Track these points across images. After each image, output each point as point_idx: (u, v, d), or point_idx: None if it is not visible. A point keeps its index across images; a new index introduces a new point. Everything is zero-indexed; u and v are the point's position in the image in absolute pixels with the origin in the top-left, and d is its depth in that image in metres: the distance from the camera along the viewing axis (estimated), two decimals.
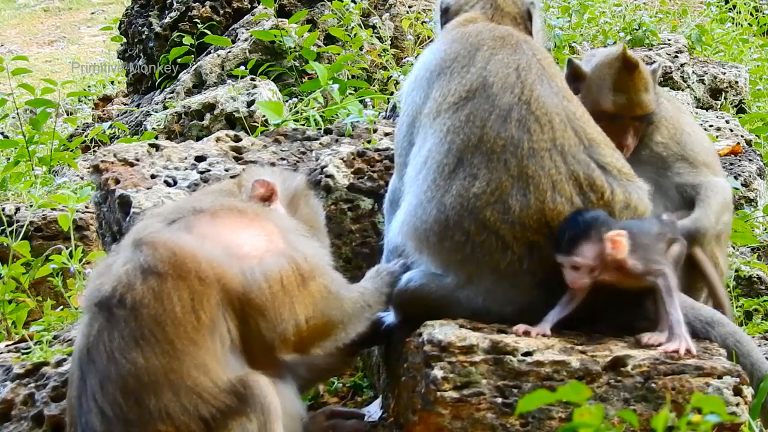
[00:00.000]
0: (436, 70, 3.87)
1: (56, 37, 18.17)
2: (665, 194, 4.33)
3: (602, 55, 4.46)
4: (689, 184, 4.34)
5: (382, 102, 7.11)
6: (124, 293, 3.23)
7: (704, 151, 4.47)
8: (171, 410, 3.14)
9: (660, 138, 4.40)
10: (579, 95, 4.31)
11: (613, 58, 4.36)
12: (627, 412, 2.98)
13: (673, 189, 4.35)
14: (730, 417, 3.18)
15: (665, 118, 4.44)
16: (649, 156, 4.38)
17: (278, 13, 8.38)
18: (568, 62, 4.48)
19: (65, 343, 4.35)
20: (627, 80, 4.32)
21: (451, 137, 3.66)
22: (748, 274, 5.49)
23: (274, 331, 3.35)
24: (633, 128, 4.33)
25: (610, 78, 4.34)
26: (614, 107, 4.31)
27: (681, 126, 4.47)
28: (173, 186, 4.77)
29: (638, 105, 4.33)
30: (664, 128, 4.42)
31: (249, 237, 3.43)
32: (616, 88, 4.33)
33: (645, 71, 4.37)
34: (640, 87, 4.33)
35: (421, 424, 3.30)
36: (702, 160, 4.42)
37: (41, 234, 6.19)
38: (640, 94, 4.33)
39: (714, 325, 3.67)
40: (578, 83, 4.41)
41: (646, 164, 4.33)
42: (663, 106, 4.47)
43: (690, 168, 4.37)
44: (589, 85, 4.40)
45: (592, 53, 4.63)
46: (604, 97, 4.33)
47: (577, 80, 4.42)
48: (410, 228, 3.69)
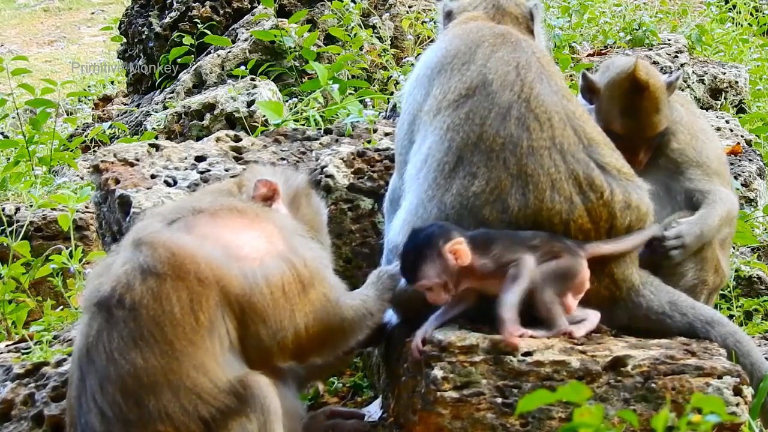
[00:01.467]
0: (436, 67, 3.87)
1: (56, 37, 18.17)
2: (673, 198, 4.29)
3: (615, 70, 4.33)
4: (699, 190, 4.26)
5: (382, 102, 7.11)
6: (123, 293, 3.22)
7: (717, 160, 4.40)
8: (170, 410, 3.14)
9: (676, 145, 4.32)
10: (594, 107, 4.32)
11: (624, 78, 4.23)
12: (627, 412, 2.98)
13: (682, 193, 4.28)
14: (730, 417, 3.19)
15: (681, 123, 4.36)
16: (665, 162, 4.31)
17: (278, 13, 8.37)
18: (582, 75, 4.38)
19: (65, 343, 4.35)
20: (636, 103, 4.20)
21: (451, 135, 3.66)
22: (748, 274, 5.49)
23: (273, 338, 3.34)
24: (644, 145, 4.26)
25: (619, 100, 4.23)
26: (624, 130, 4.20)
27: (696, 132, 4.39)
28: (173, 186, 4.77)
29: (648, 127, 4.23)
30: (681, 134, 4.34)
31: (249, 238, 3.43)
32: (625, 111, 4.22)
33: (656, 90, 4.23)
34: (650, 109, 4.21)
35: (421, 424, 3.30)
36: (714, 168, 4.35)
37: (41, 234, 6.19)
38: (651, 117, 4.22)
39: (714, 325, 3.67)
40: (593, 95, 4.36)
41: (661, 168, 4.30)
42: (678, 111, 4.38)
43: (703, 175, 4.30)
44: (602, 100, 4.32)
45: (607, 65, 4.50)
46: (613, 118, 4.24)
47: (592, 93, 4.36)
48: (411, 227, 3.69)
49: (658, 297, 3.69)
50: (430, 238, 3.43)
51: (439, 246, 3.41)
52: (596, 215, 3.59)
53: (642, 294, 3.68)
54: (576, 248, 3.51)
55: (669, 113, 4.30)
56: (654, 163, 4.29)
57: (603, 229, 3.61)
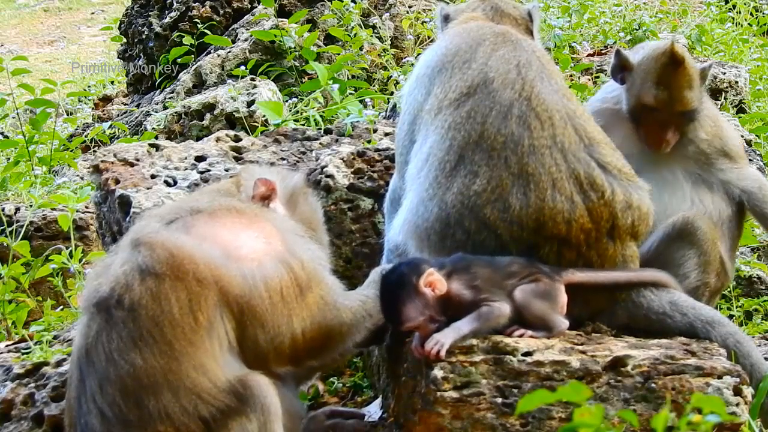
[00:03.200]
0: (437, 66, 3.87)
1: (56, 37, 18.17)
2: (710, 189, 4.40)
3: (651, 48, 4.47)
4: (734, 185, 4.41)
5: (382, 102, 7.11)
6: (122, 294, 3.22)
7: (738, 143, 4.55)
8: (170, 411, 3.14)
9: (704, 135, 4.43)
10: (625, 86, 4.41)
11: (661, 53, 4.35)
12: (627, 412, 2.98)
13: (719, 184, 4.41)
14: (730, 417, 3.18)
15: (708, 115, 4.47)
16: (694, 152, 4.41)
17: (278, 13, 8.37)
18: (616, 52, 4.50)
19: (65, 343, 4.35)
20: (671, 75, 4.31)
21: (452, 134, 3.66)
22: (748, 274, 5.49)
23: (271, 343, 3.34)
24: (675, 124, 4.35)
25: (654, 72, 4.34)
26: (655, 101, 4.32)
27: (719, 122, 4.52)
28: (173, 186, 4.77)
29: (679, 101, 4.33)
30: (707, 125, 4.45)
31: (247, 238, 3.42)
32: (659, 82, 4.32)
33: (691, 68, 4.36)
34: (683, 83, 4.32)
35: (421, 424, 3.30)
36: (738, 152, 4.49)
37: (41, 234, 6.19)
38: (683, 91, 4.32)
39: (714, 325, 3.67)
40: (625, 73, 4.44)
41: (691, 159, 4.40)
42: (704, 103, 4.49)
43: (731, 163, 4.44)
44: (634, 76, 4.41)
45: (641, 45, 4.66)
46: (646, 90, 4.34)
47: (624, 70, 4.45)
48: (412, 226, 3.68)
49: (658, 297, 3.69)
50: (403, 278, 3.38)
51: (414, 282, 3.36)
52: (597, 215, 3.59)
53: (642, 294, 3.68)
54: (553, 274, 3.50)
55: (700, 96, 4.40)
56: (685, 153, 4.39)
57: (604, 228, 3.61)
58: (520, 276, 3.45)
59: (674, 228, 4.22)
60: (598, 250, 3.61)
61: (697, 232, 4.21)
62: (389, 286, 3.42)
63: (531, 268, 3.48)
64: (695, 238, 4.20)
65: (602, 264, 3.62)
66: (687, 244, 4.20)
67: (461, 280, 3.41)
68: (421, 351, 3.30)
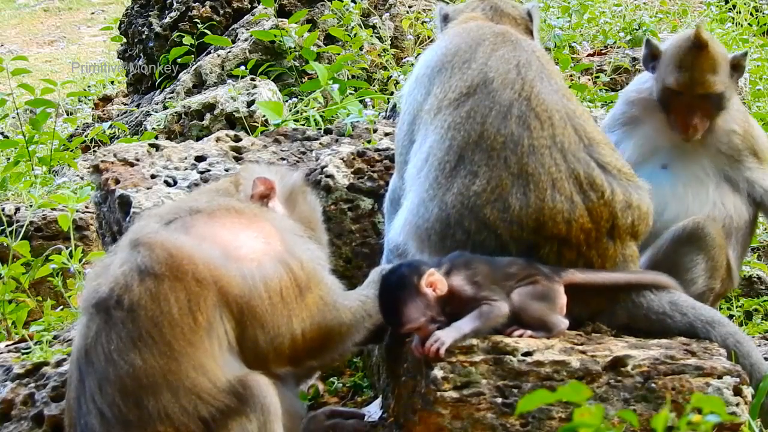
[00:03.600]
0: (437, 66, 3.87)
1: (56, 37, 18.16)
2: (734, 189, 4.41)
3: (679, 35, 4.52)
4: (759, 184, 4.41)
5: (382, 102, 7.11)
6: (122, 294, 3.22)
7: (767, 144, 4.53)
8: (170, 411, 3.14)
9: (736, 128, 4.44)
10: (655, 74, 4.45)
11: (686, 37, 4.39)
12: (627, 412, 2.97)
13: (744, 182, 4.41)
14: (730, 417, 3.18)
15: (739, 110, 4.49)
16: (727, 144, 4.41)
17: (278, 13, 8.37)
18: (646, 42, 4.54)
19: (65, 343, 4.35)
20: (693, 58, 4.33)
21: (452, 134, 3.66)
22: (748, 274, 5.49)
23: (271, 344, 3.34)
24: (700, 109, 4.34)
25: (677, 55, 4.37)
26: (676, 84, 4.34)
27: (750, 120, 4.53)
28: (173, 186, 4.77)
29: (700, 84, 4.33)
30: (740, 119, 4.46)
31: (247, 238, 3.42)
32: (681, 64, 4.34)
33: (716, 53, 4.36)
34: (705, 66, 4.32)
35: (421, 424, 3.30)
36: (766, 153, 4.48)
37: (41, 234, 6.19)
38: (705, 74, 4.32)
39: (714, 325, 3.67)
40: (655, 62, 4.48)
41: (722, 154, 4.41)
42: (736, 99, 4.50)
43: (759, 163, 4.44)
44: (661, 61, 4.44)
45: (672, 35, 4.77)
46: (669, 73, 4.37)
47: (655, 59, 4.48)
48: (412, 227, 3.68)
49: (658, 297, 3.69)
50: (404, 279, 3.37)
51: (415, 283, 3.35)
52: (597, 215, 3.59)
53: (642, 294, 3.68)
54: (552, 274, 3.50)
55: (726, 82, 4.37)
56: (718, 146, 4.40)
57: (604, 228, 3.61)
58: (518, 278, 3.45)
59: (684, 231, 4.21)
60: (598, 250, 3.61)
61: (707, 237, 4.20)
62: (390, 287, 3.41)
63: (530, 270, 3.48)
64: (704, 243, 4.19)
65: (602, 264, 3.63)
66: (696, 249, 4.19)
67: (462, 276, 3.41)
68: (421, 350, 3.30)
